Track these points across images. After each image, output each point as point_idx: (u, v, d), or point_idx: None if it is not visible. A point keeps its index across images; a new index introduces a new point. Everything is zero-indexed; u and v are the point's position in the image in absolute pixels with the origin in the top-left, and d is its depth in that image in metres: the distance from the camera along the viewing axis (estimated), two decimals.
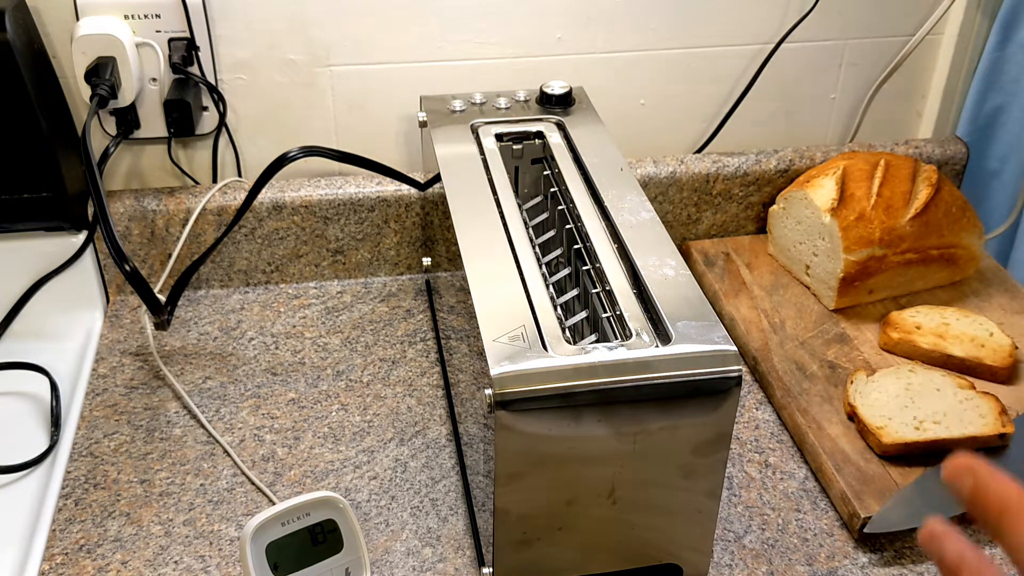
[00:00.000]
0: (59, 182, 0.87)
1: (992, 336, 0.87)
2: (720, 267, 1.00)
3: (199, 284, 0.99)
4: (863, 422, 0.78)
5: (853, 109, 1.09)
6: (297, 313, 0.97)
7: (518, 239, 0.70)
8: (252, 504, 0.76)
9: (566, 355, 0.60)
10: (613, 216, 0.72)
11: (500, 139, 0.83)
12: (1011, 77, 1.03)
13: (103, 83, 0.85)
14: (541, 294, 0.65)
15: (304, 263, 1.00)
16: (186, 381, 0.87)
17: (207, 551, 0.72)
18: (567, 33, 0.98)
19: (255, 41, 0.93)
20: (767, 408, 0.86)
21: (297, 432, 0.82)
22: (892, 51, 1.06)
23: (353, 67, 0.96)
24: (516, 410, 0.58)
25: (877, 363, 0.87)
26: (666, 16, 0.99)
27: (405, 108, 0.99)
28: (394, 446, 0.81)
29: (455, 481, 0.78)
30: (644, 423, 0.60)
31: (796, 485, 0.78)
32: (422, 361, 0.91)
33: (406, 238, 1.00)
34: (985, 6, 1.04)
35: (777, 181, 1.04)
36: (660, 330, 0.62)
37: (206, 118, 0.95)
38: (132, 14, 0.88)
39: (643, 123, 1.05)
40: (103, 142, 0.92)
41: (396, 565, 0.71)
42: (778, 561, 0.72)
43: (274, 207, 0.96)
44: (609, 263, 0.68)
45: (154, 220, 0.95)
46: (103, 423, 0.83)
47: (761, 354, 0.89)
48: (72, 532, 0.73)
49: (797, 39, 1.02)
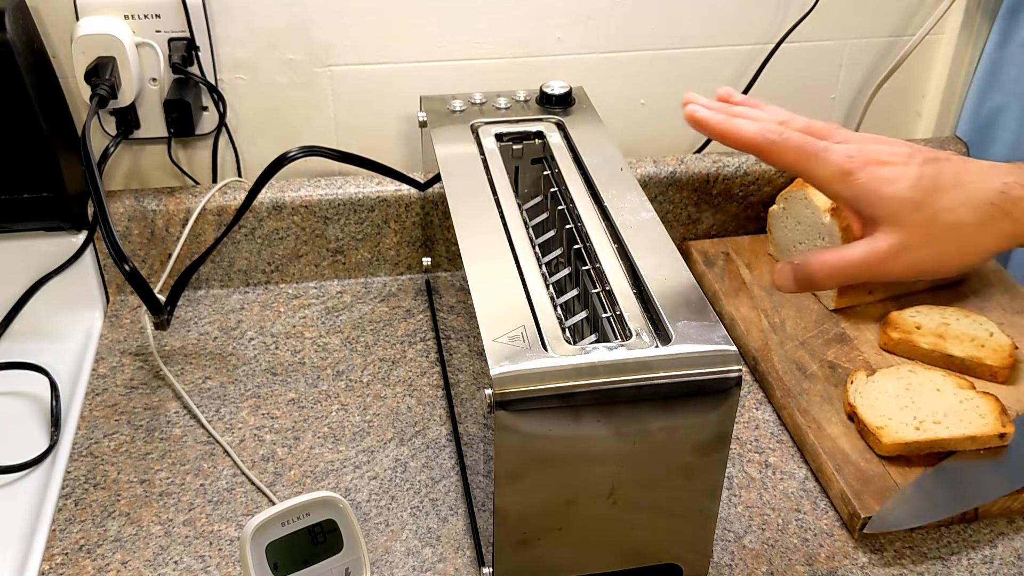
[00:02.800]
0: (59, 182, 0.87)
1: (992, 336, 0.87)
2: (720, 267, 1.00)
3: (199, 284, 0.99)
4: (863, 422, 0.78)
5: (853, 109, 1.09)
6: (297, 313, 0.97)
7: (518, 239, 0.70)
8: (252, 504, 0.76)
9: (566, 355, 0.60)
10: (613, 216, 0.72)
11: (500, 139, 0.83)
12: (1011, 77, 1.03)
13: (103, 83, 0.85)
14: (541, 294, 0.65)
15: (304, 263, 1.00)
16: (186, 381, 0.87)
17: (207, 551, 0.72)
18: (567, 33, 0.98)
19: (255, 41, 0.93)
20: (767, 408, 0.86)
21: (297, 432, 0.82)
22: (892, 51, 1.06)
23: (353, 67, 0.96)
24: (516, 410, 0.58)
25: (877, 363, 0.87)
26: (666, 16, 0.99)
27: (405, 108, 0.99)
28: (394, 446, 0.81)
29: (455, 481, 0.78)
30: (644, 423, 0.60)
31: (796, 485, 0.78)
32: (422, 361, 0.91)
33: (406, 238, 1.00)
34: (985, 6, 1.04)
35: (777, 181, 1.04)
36: (660, 330, 0.62)
37: (206, 118, 0.95)
38: (132, 14, 0.88)
39: (643, 123, 1.05)
40: (103, 142, 0.92)
41: (396, 565, 0.71)
42: (778, 561, 0.72)
43: (274, 207, 0.96)
44: (609, 263, 0.68)
45: (154, 220, 0.95)
46: (103, 423, 0.83)
47: (761, 354, 0.89)
48: (72, 532, 0.73)
49: (797, 39, 1.02)
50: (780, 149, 0.59)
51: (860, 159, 0.58)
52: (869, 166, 0.58)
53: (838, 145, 0.59)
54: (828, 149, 0.58)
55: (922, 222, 0.57)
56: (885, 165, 0.58)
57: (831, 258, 0.59)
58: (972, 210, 0.56)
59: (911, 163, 0.58)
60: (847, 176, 0.58)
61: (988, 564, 0.72)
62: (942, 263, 0.58)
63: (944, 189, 0.57)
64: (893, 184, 0.57)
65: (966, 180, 0.57)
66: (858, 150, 0.58)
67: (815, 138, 0.59)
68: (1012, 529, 0.75)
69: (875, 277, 0.59)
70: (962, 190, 0.57)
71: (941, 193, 0.57)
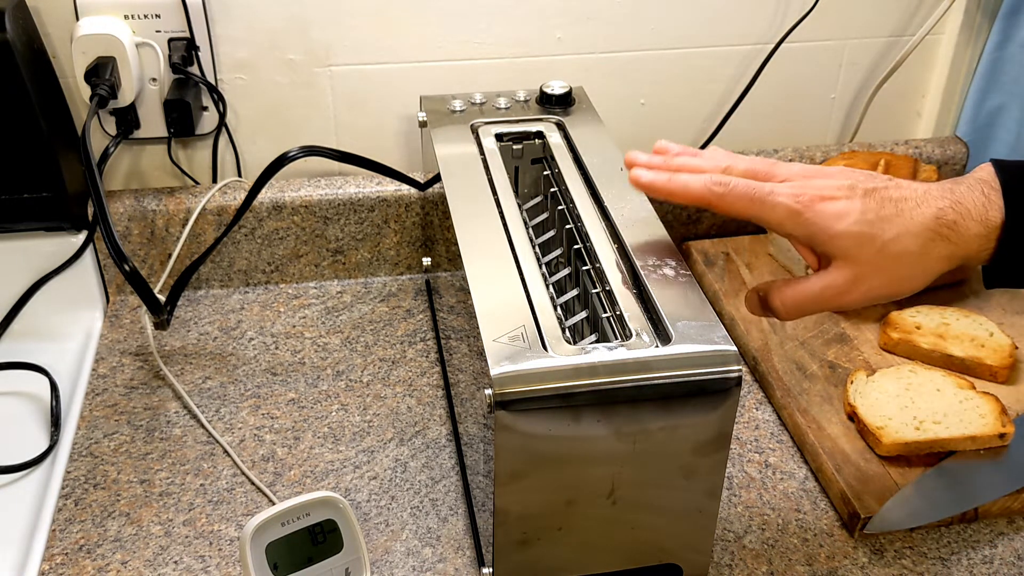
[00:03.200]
0: (59, 182, 0.87)
1: (992, 336, 0.87)
2: (720, 267, 1.00)
3: (199, 284, 0.99)
4: (863, 422, 0.78)
5: (853, 109, 1.09)
6: (297, 313, 0.97)
7: (518, 239, 0.70)
8: (252, 504, 0.76)
9: (566, 355, 0.60)
10: (613, 216, 0.72)
11: (500, 139, 0.83)
12: (1011, 77, 1.03)
13: (103, 83, 0.85)
14: (541, 294, 0.65)
15: (304, 263, 1.00)
16: (186, 381, 0.87)
17: (207, 551, 0.72)
18: (567, 33, 0.98)
19: (255, 41, 0.93)
20: (767, 408, 0.86)
21: (297, 432, 0.82)
22: (892, 51, 1.06)
23: (353, 67, 0.96)
24: (516, 410, 0.58)
25: (877, 363, 0.87)
26: (666, 16, 0.99)
27: (405, 108, 0.99)
28: (394, 446, 0.81)
29: (455, 481, 0.78)
30: (644, 423, 0.60)
31: (796, 485, 0.78)
32: (422, 361, 0.91)
33: (406, 238, 1.00)
34: (985, 6, 1.04)
35: None
36: (660, 330, 0.62)
37: (206, 118, 0.95)
38: (132, 14, 0.88)
39: (643, 123, 1.05)
40: (103, 142, 0.92)
41: (396, 565, 0.71)
42: (778, 561, 0.72)
43: (274, 207, 0.96)
44: (609, 263, 0.68)
45: (154, 220, 0.95)
46: (103, 423, 0.83)
47: (761, 354, 0.89)
48: (72, 532, 0.73)
49: (797, 39, 1.02)
50: (729, 200, 0.62)
51: (806, 197, 0.61)
52: (815, 203, 0.60)
53: (782, 186, 0.62)
54: (773, 193, 0.61)
55: (872, 254, 0.60)
56: (830, 200, 0.60)
57: (790, 293, 0.63)
58: (913, 238, 0.59)
59: (854, 196, 0.60)
60: (797, 216, 0.60)
61: (988, 564, 0.72)
62: (894, 289, 0.61)
63: (887, 219, 0.60)
64: (841, 220, 0.60)
65: (904, 208, 0.60)
66: (802, 188, 0.61)
67: (759, 180, 0.62)
68: (1012, 529, 0.75)
69: (833, 308, 0.64)
70: (902, 218, 0.60)
71: (885, 224, 0.59)
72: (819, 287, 0.61)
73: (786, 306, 0.63)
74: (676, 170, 0.64)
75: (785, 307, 0.63)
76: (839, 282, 0.61)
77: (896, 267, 0.60)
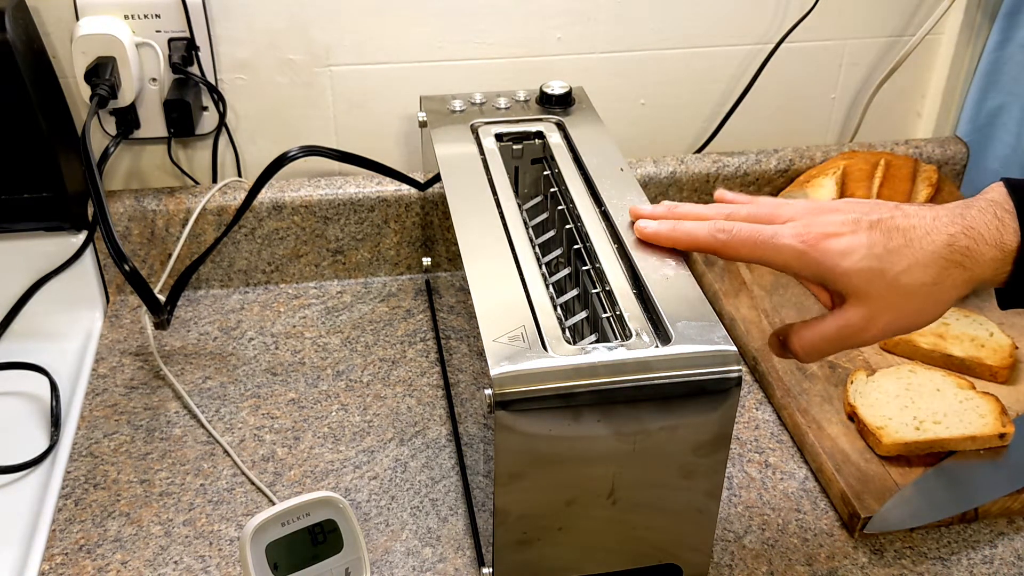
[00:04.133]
0: (59, 182, 0.87)
1: (992, 336, 0.87)
2: (720, 267, 1.00)
3: (199, 284, 0.99)
4: (863, 422, 0.78)
5: (853, 109, 1.09)
6: (297, 313, 0.97)
7: (518, 239, 0.70)
8: (252, 504, 0.76)
9: (566, 355, 0.60)
10: (613, 216, 0.72)
11: (500, 139, 0.83)
12: (1011, 77, 1.03)
13: (103, 83, 0.85)
14: (541, 294, 0.65)
15: (304, 263, 1.00)
16: (186, 381, 0.87)
17: (207, 551, 0.72)
18: (567, 33, 0.98)
19: (255, 41, 0.93)
20: (767, 408, 0.86)
21: (297, 432, 0.82)
22: (892, 51, 1.06)
23: (353, 67, 0.96)
24: (516, 410, 0.58)
25: (877, 363, 0.87)
26: (666, 16, 0.99)
27: (405, 108, 0.99)
28: (394, 446, 0.81)
29: (455, 481, 0.78)
30: (644, 423, 0.60)
31: (796, 485, 0.78)
32: (422, 361, 0.91)
33: (406, 238, 1.00)
34: (985, 6, 1.04)
35: (777, 181, 1.04)
36: (660, 330, 0.62)
37: (206, 118, 0.95)
38: (132, 14, 0.88)
39: (643, 123, 1.05)
40: (103, 142, 0.92)
41: (396, 565, 0.71)
42: (778, 561, 0.72)
43: (274, 207, 0.96)
44: (609, 263, 0.68)
45: (154, 220, 0.95)
46: (103, 423, 0.83)
47: (761, 354, 0.89)
48: (72, 532, 0.73)
49: (797, 39, 1.02)
50: (733, 245, 0.62)
51: (811, 236, 0.60)
52: (820, 242, 0.60)
53: (785, 227, 0.61)
54: (777, 235, 0.60)
55: (884, 290, 0.58)
56: (835, 237, 0.59)
57: (808, 336, 0.62)
58: (925, 268, 0.58)
59: (859, 230, 0.59)
60: (803, 256, 0.60)
61: (988, 564, 0.72)
62: (911, 321, 0.60)
63: (895, 251, 0.58)
64: (848, 257, 0.59)
65: (913, 238, 0.59)
66: (806, 227, 0.60)
67: (762, 223, 0.62)
68: (1012, 529, 0.75)
69: (852, 347, 0.63)
70: (912, 249, 0.58)
71: (894, 256, 0.58)
72: (835, 327, 0.61)
73: (804, 349, 0.62)
74: (679, 219, 0.65)
75: (804, 350, 0.63)
76: (854, 320, 0.60)
77: (910, 300, 0.59)
